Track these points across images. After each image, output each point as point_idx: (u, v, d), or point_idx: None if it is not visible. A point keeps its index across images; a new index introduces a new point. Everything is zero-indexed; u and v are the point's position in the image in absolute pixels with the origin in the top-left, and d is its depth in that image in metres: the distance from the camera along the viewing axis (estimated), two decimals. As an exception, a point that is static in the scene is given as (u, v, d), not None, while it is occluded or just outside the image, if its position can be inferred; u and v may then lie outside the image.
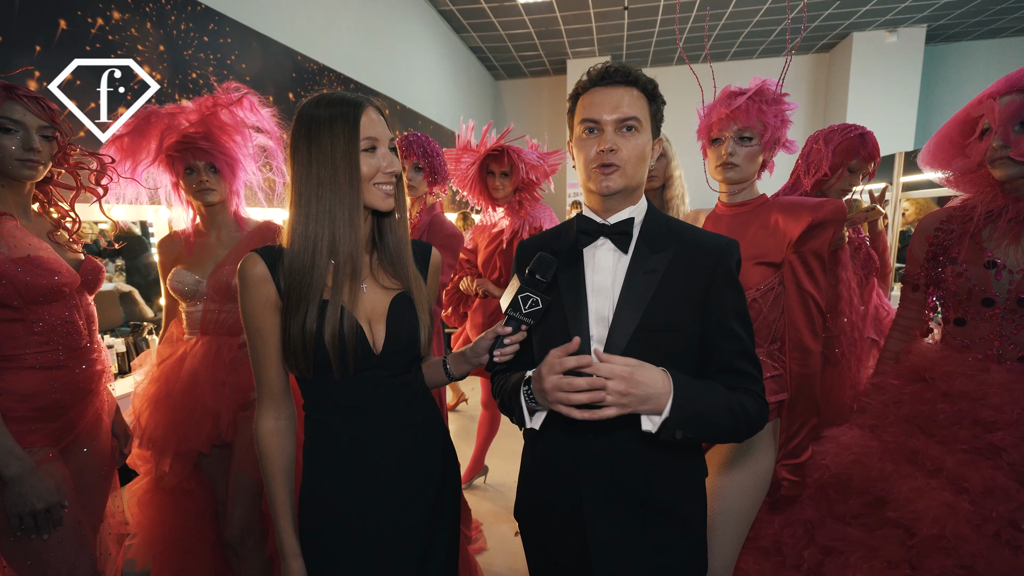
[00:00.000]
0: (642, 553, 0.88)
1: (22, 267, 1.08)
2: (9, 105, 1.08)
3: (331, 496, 0.93)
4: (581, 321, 0.89)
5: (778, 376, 1.26)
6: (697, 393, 0.80)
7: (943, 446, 1.09)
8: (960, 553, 0.98)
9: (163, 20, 2.10)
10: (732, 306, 0.88)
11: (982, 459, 1.03)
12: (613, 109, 0.85)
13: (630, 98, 0.86)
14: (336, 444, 0.93)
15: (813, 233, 1.18)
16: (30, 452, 1.12)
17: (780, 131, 1.24)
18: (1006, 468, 1.01)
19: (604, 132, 0.86)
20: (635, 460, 0.87)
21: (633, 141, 0.86)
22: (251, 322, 0.88)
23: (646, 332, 0.86)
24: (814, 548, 1.22)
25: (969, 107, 1.15)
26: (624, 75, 0.86)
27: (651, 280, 0.87)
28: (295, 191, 0.86)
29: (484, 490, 2.76)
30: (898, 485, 1.09)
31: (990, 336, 1.12)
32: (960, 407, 1.09)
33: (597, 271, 0.91)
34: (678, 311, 0.87)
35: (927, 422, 1.14)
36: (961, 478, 1.03)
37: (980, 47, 6.56)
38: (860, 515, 1.17)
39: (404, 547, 0.94)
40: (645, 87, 0.87)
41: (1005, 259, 1.09)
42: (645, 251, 0.89)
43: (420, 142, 1.89)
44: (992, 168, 1.08)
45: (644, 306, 0.86)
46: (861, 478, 1.17)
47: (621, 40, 6.39)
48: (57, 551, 1.12)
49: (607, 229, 0.91)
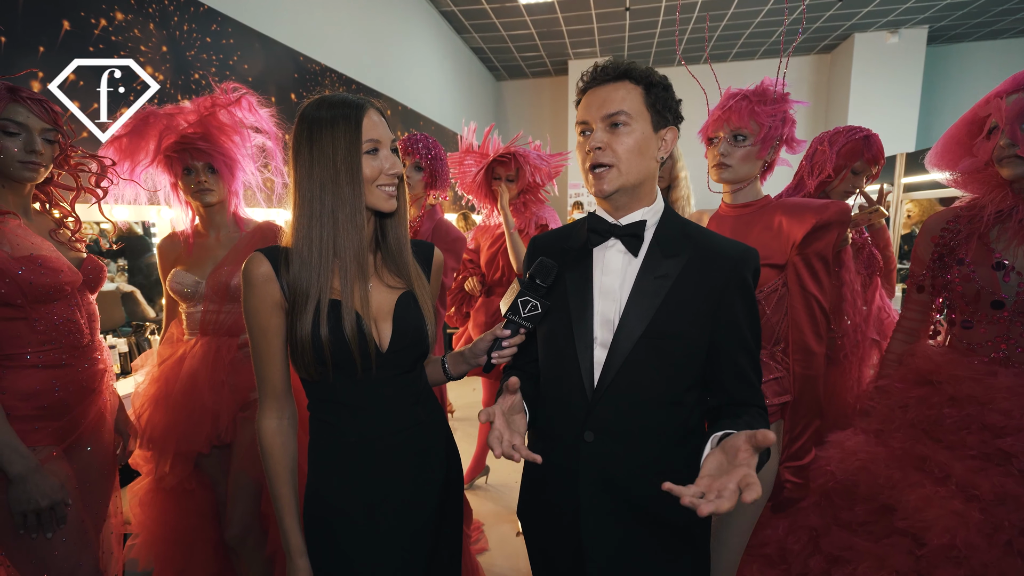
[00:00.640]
0: (640, 564, 0.86)
1: (25, 266, 1.08)
2: (13, 107, 1.09)
3: (337, 495, 0.93)
4: (585, 323, 0.87)
5: (781, 378, 1.25)
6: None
7: (951, 452, 1.07)
8: (971, 563, 0.96)
9: (166, 21, 2.10)
10: (745, 319, 0.85)
11: (991, 466, 1.01)
12: (600, 107, 0.83)
13: (621, 92, 0.83)
14: (342, 443, 0.93)
15: (817, 235, 1.17)
16: (34, 451, 1.12)
17: (780, 130, 1.23)
18: (1016, 475, 0.99)
19: (594, 131, 0.84)
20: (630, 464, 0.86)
21: (624, 135, 0.82)
22: (255, 322, 0.88)
23: (652, 339, 0.83)
24: (820, 557, 1.20)
25: (976, 107, 1.14)
26: (614, 70, 0.83)
27: (662, 286, 0.83)
28: (298, 193, 0.86)
29: (485, 490, 2.76)
30: (906, 493, 1.07)
31: (997, 339, 1.10)
32: (968, 412, 1.07)
33: (605, 272, 0.89)
34: (688, 319, 0.83)
35: (934, 427, 1.12)
36: (971, 485, 1.01)
37: (982, 48, 6.55)
38: (866, 523, 1.15)
39: (410, 546, 0.94)
40: (639, 78, 0.83)
41: (1014, 260, 1.07)
42: (657, 255, 0.86)
43: (425, 143, 1.90)
44: (1000, 167, 1.07)
45: (652, 312, 0.83)
46: (867, 485, 1.15)
47: (623, 41, 6.39)
48: (60, 550, 1.12)
49: (618, 230, 0.88)
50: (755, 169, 1.26)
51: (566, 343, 0.88)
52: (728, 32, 6.14)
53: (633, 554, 0.86)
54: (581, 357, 0.86)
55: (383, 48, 4.17)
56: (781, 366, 1.26)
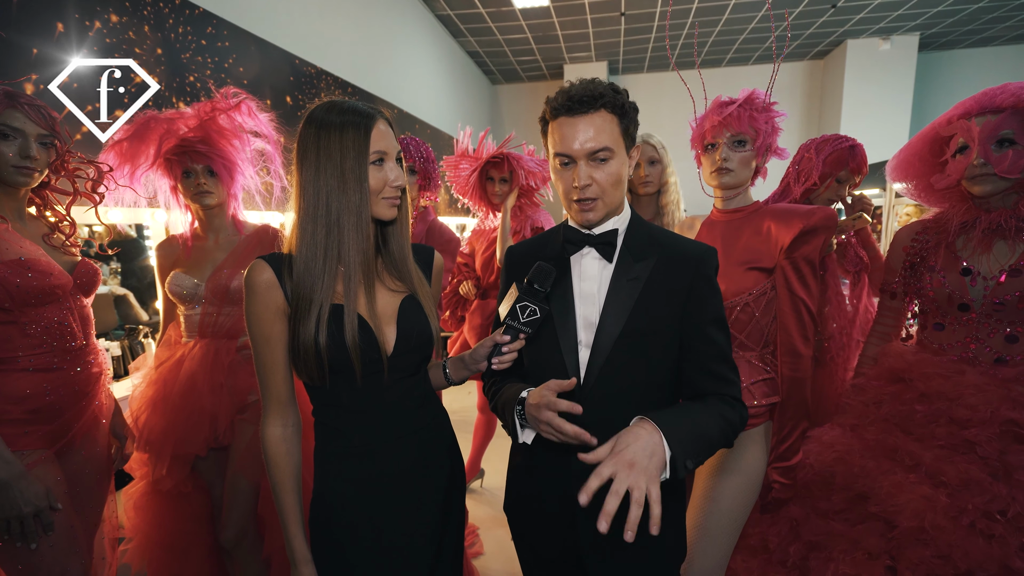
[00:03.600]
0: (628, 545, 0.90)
1: (12, 269, 1.08)
2: (10, 112, 1.10)
3: (343, 500, 0.92)
4: (569, 327, 0.91)
5: (770, 379, 1.27)
6: (682, 422, 0.79)
7: (920, 443, 1.14)
8: (938, 543, 1.02)
9: (161, 23, 2.11)
10: (711, 311, 0.91)
11: (957, 454, 1.08)
12: (584, 142, 0.85)
13: (599, 124, 0.85)
14: (348, 448, 0.93)
15: (805, 239, 1.20)
16: (24, 455, 1.11)
17: (771, 137, 1.27)
18: (980, 462, 1.05)
19: (577, 165, 0.87)
20: None
21: (607, 169, 0.87)
22: (258, 329, 0.88)
23: (630, 337, 0.88)
24: (799, 544, 1.25)
25: (937, 126, 1.21)
26: (591, 101, 0.84)
27: (634, 287, 0.89)
28: (302, 197, 0.86)
29: (480, 494, 2.76)
30: (879, 480, 1.14)
31: (967, 340, 1.17)
32: (937, 407, 1.14)
33: (583, 279, 0.93)
34: (660, 316, 0.89)
35: (905, 421, 1.19)
36: (938, 472, 1.08)
37: (972, 55, 6.63)
38: (843, 510, 1.21)
39: (416, 553, 0.94)
40: (614, 106, 0.86)
41: (979, 266, 1.15)
42: (628, 259, 0.92)
43: (417, 146, 1.92)
44: (972, 184, 1.14)
45: (628, 312, 0.88)
46: (844, 475, 1.21)
47: (618, 46, 6.43)
48: (48, 555, 1.11)
49: (592, 239, 0.93)
50: (751, 174, 1.30)
51: (552, 347, 0.92)
52: (722, 38, 6.19)
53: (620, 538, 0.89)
54: (567, 359, 0.90)
55: (379, 52, 4.19)
56: (770, 368, 1.28)
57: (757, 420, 1.27)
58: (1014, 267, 1.10)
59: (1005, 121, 1.08)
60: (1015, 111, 1.08)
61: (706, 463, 1.29)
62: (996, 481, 1.03)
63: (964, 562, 0.99)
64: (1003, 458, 1.04)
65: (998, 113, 1.09)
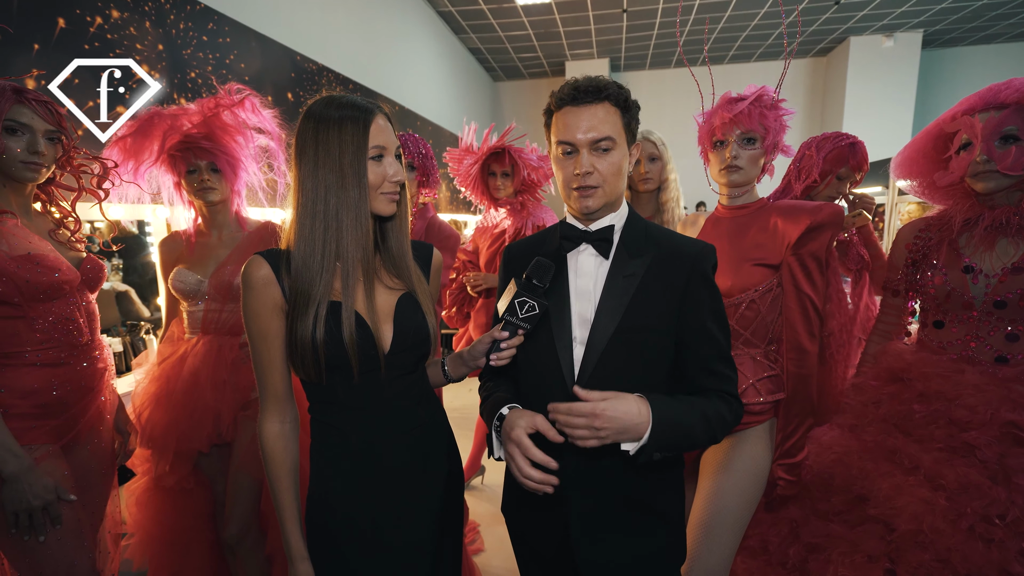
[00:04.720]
0: (622, 545, 0.91)
1: (21, 264, 1.08)
2: (18, 108, 1.10)
3: (340, 498, 0.92)
4: (564, 323, 0.91)
5: (775, 376, 1.27)
6: (676, 415, 0.83)
7: (919, 445, 1.13)
8: (936, 547, 1.02)
9: (162, 19, 2.10)
10: (708, 308, 0.90)
11: (957, 457, 1.07)
12: (587, 130, 0.86)
13: (603, 115, 0.87)
14: (345, 446, 0.92)
15: (811, 236, 1.19)
16: (31, 449, 1.12)
17: (779, 135, 1.26)
18: (979, 466, 1.04)
19: (580, 154, 0.88)
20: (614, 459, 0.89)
21: (609, 159, 0.88)
22: (255, 325, 0.88)
23: (625, 334, 0.88)
24: (799, 545, 1.25)
25: (942, 123, 1.20)
26: (595, 92, 0.86)
27: (630, 284, 0.89)
28: (300, 193, 0.85)
29: (481, 490, 2.76)
30: (878, 483, 1.13)
31: (967, 338, 1.16)
32: (936, 407, 1.13)
33: (580, 275, 0.94)
34: (656, 313, 0.89)
35: (904, 422, 1.18)
36: (937, 475, 1.07)
37: (976, 52, 6.62)
38: (842, 512, 1.20)
39: (415, 550, 0.94)
40: (617, 100, 0.88)
41: (981, 264, 1.13)
42: (624, 256, 0.92)
43: (416, 142, 1.92)
44: (975, 181, 1.13)
45: (623, 309, 0.88)
46: (843, 477, 1.20)
47: (620, 42, 6.41)
48: (56, 549, 1.12)
49: (589, 236, 0.93)
50: (759, 171, 1.29)
51: (547, 343, 0.92)
52: (725, 35, 6.17)
53: (615, 534, 0.91)
54: (562, 355, 0.90)
55: (380, 48, 4.18)
56: (775, 364, 1.28)
57: (762, 417, 1.27)
58: (1016, 265, 1.09)
59: (1009, 117, 1.07)
60: (1019, 107, 1.06)
61: (710, 460, 1.29)
62: (995, 485, 1.01)
63: (963, 566, 0.98)
64: (1003, 461, 1.03)
65: (1002, 109, 1.08)
